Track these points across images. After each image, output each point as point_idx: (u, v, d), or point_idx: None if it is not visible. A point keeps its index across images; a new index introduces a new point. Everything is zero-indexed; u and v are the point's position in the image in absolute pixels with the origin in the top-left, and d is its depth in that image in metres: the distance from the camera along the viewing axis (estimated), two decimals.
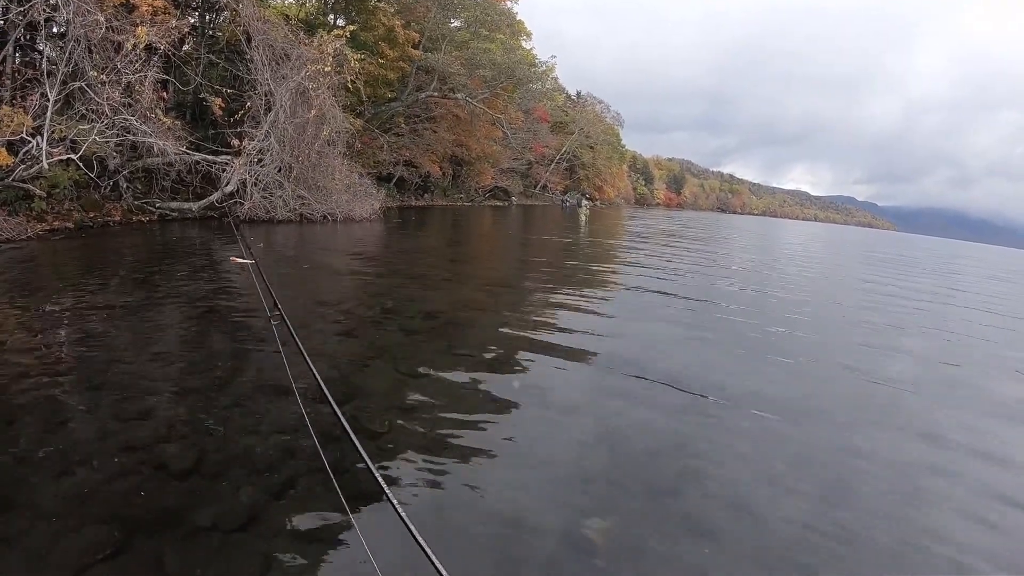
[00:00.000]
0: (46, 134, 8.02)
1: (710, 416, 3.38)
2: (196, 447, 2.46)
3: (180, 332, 4.11)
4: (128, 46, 9.04)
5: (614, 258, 12.04)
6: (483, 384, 3.54)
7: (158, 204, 10.49)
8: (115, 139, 9.02)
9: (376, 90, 19.21)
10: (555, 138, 44.62)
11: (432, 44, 22.02)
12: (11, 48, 8.75)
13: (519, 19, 27.84)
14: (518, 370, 3.85)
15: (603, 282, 8.15)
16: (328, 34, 12.87)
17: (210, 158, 10.91)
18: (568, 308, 6.01)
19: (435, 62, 21.36)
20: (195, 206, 10.88)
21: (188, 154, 10.39)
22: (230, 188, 11.04)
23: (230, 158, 11.06)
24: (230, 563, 1.83)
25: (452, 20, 23.91)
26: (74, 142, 8.43)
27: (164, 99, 10.51)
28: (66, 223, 8.49)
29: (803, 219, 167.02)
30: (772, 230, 42.24)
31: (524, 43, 29.01)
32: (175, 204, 10.77)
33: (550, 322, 5.32)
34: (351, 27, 15.78)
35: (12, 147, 7.72)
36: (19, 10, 8.37)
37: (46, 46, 8.92)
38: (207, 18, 13.36)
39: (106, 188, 9.46)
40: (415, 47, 20.99)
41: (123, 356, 3.43)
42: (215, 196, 10.95)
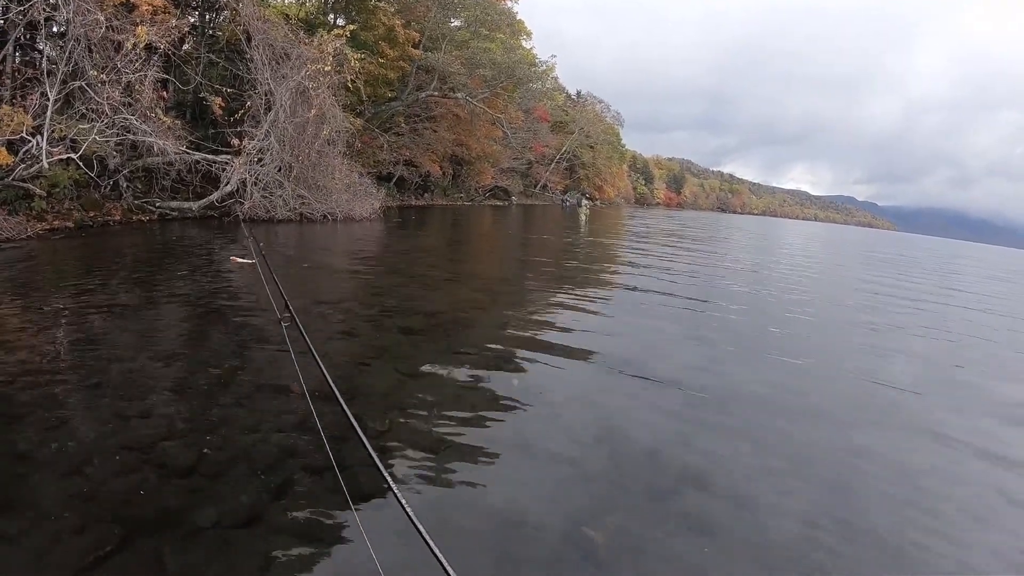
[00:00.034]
0: (46, 133, 8.02)
1: (710, 415, 3.38)
2: (197, 446, 2.46)
3: (181, 331, 4.11)
4: (128, 45, 9.04)
5: (614, 258, 12.04)
6: (483, 383, 3.54)
7: (158, 203, 10.50)
8: (115, 138, 9.02)
9: (376, 89, 19.22)
10: (555, 138, 44.65)
11: (432, 43, 22.03)
12: (11, 47, 8.75)
13: (519, 18, 27.91)
14: (518, 369, 3.85)
15: (603, 282, 8.15)
16: (328, 33, 12.89)
17: (210, 157, 10.91)
18: (568, 308, 6.01)
19: (435, 61, 21.37)
20: (195, 205, 10.88)
21: (188, 153, 10.39)
22: (230, 187, 11.04)
23: (230, 157, 11.06)
24: (231, 562, 1.83)
25: (452, 19, 23.94)
26: (74, 141, 8.44)
27: (164, 98, 10.51)
28: (66, 222, 8.49)
29: (803, 219, 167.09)
30: (772, 230, 42.24)
31: (524, 43, 29.03)
32: (175, 203, 10.77)
33: (550, 322, 5.32)
34: (351, 26, 15.80)
35: (12, 146, 7.73)
36: (19, 9, 8.37)
37: (46, 45, 8.93)
38: (207, 17, 13.35)
39: (106, 187, 9.46)
40: (415, 46, 20.99)
41: (123, 355, 3.43)
42: (215, 195, 10.96)
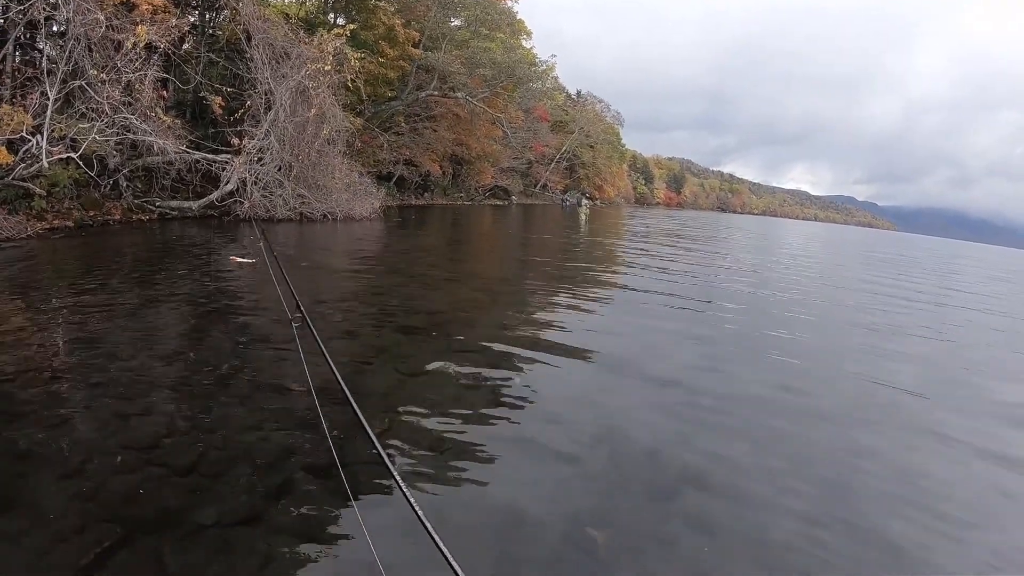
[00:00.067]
0: (46, 133, 8.02)
1: (710, 415, 3.38)
2: (197, 445, 2.46)
3: (181, 330, 4.11)
4: (128, 45, 9.04)
5: (614, 257, 12.04)
6: (483, 383, 3.54)
7: (158, 203, 10.49)
8: (115, 138, 9.02)
9: (376, 89, 19.21)
10: (555, 137, 44.64)
11: (432, 43, 22.02)
12: (11, 47, 8.75)
13: (519, 18, 27.90)
14: (518, 369, 3.85)
15: (603, 282, 8.15)
16: (328, 33, 12.88)
17: (210, 157, 10.91)
18: (568, 308, 6.01)
19: (435, 61, 21.36)
20: (195, 205, 10.88)
21: (188, 153, 10.39)
22: (230, 187, 11.04)
23: (230, 157, 11.06)
24: (231, 562, 1.83)
25: (452, 19, 23.94)
26: (74, 141, 8.43)
27: (164, 98, 10.51)
28: (66, 222, 8.49)
29: (803, 219, 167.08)
30: (772, 230, 42.24)
31: (524, 42, 29.04)
32: (175, 203, 10.77)
33: (550, 321, 5.32)
34: (351, 26, 15.81)
35: (12, 145, 7.72)
36: (19, 8, 8.36)
37: (46, 45, 8.92)
38: (207, 17, 13.35)
39: (106, 187, 9.46)
40: (415, 46, 20.99)
41: (124, 354, 3.43)
42: (215, 195, 10.96)
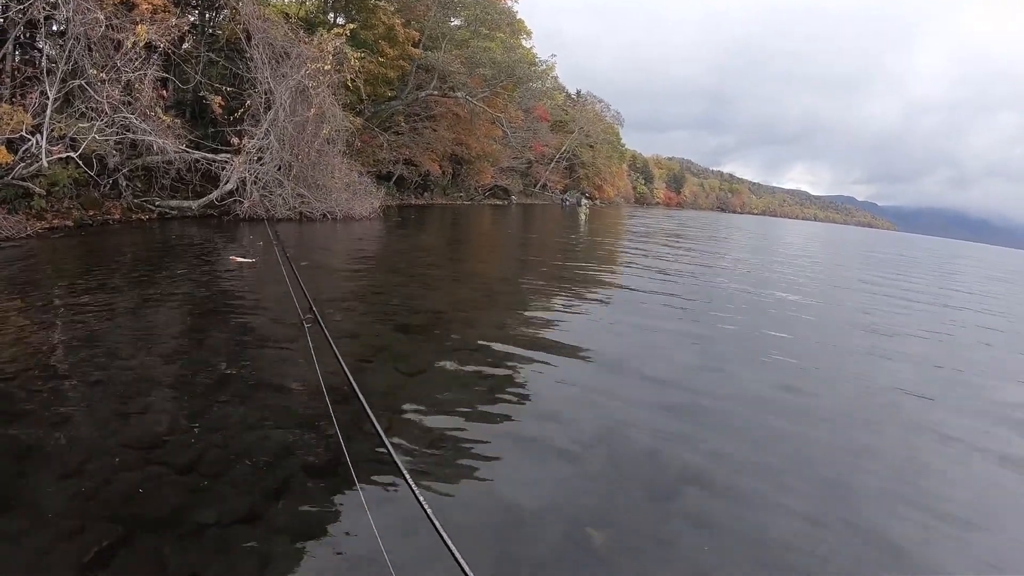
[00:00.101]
0: (46, 132, 8.02)
1: (710, 415, 3.38)
2: (197, 444, 2.46)
3: (181, 329, 4.11)
4: (128, 44, 9.03)
5: (614, 257, 12.04)
6: (483, 383, 3.54)
7: (158, 202, 10.49)
8: (115, 137, 9.01)
9: (376, 88, 19.20)
10: (555, 137, 44.63)
11: (432, 43, 22.00)
12: (11, 46, 8.74)
13: (519, 18, 27.86)
14: (518, 369, 3.85)
15: (603, 282, 8.15)
16: (328, 32, 12.87)
17: (210, 156, 10.91)
18: (568, 307, 6.01)
19: (435, 61, 21.35)
20: (195, 204, 10.87)
21: (188, 152, 10.38)
22: (230, 186, 11.03)
23: (230, 156, 11.05)
24: (232, 561, 1.83)
25: (452, 19, 23.92)
26: (74, 140, 8.43)
27: (164, 97, 10.50)
28: (66, 221, 8.49)
29: (803, 219, 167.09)
30: (772, 230, 42.24)
31: (524, 42, 29.00)
32: (175, 202, 10.76)
33: (550, 321, 5.33)
34: (351, 25, 15.80)
35: (12, 145, 7.72)
36: (19, 8, 8.36)
37: (46, 44, 8.91)
38: (207, 16, 13.33)
39: (106, 186, 9.45)
40: (415, 45, 20.97)
41: (123, 353, 3.43)
42: (215, 194, 10.95)
